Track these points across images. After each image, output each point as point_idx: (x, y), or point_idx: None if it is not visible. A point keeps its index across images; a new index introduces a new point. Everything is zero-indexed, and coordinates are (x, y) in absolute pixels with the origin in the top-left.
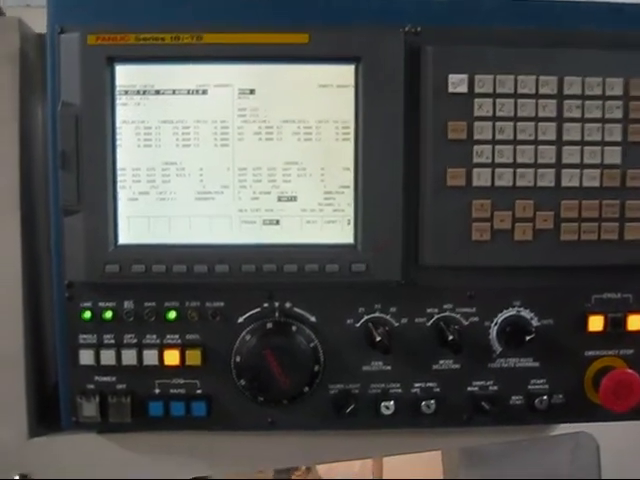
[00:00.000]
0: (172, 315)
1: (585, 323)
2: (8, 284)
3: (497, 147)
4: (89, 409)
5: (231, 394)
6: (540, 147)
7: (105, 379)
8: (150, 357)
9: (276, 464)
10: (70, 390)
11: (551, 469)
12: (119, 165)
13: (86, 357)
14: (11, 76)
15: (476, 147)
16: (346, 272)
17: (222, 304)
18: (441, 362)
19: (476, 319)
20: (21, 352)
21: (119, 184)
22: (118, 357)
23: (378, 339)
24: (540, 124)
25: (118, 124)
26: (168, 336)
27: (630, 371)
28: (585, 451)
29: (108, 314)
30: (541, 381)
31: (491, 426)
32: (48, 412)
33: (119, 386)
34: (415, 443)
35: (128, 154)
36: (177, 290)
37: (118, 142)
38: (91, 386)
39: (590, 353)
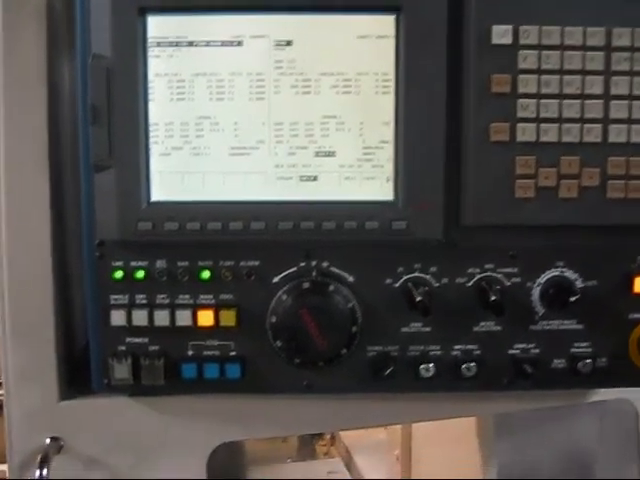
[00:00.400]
0: (206, 274)
1: (631, 284)
2: (37, 245)
3: (542, 101)
4: (121, 371)
5: (266, 356)
6: (587, 101)
7: (137, 340)
8: (183, 318)
9: (311, 429)
10: (101, 352)
11: (577, 438)
12: (151, 119)
13: (117, 318)
14: (38, 31)
15: (520, 101)
16: (386, 230)
17: (257, 263)
18: (482, 324)
19: (518, 280)
20: (50, 313)
21: (151, 139)
22: (150, 318)
23: (418, 299)
24: (587, 77)
25: (150, 77)
26: (202, 296)
27: None
28: (620, 419)
29: (140, 273)
30: (584, 344)
31: (532, 390)
32: (78, 375)
33: (151, 347)
34: (453, 408)
35: (160, 108)
36: (211, 249)
37: (150, 96)
38: (123, 348)
39: (635, 316)
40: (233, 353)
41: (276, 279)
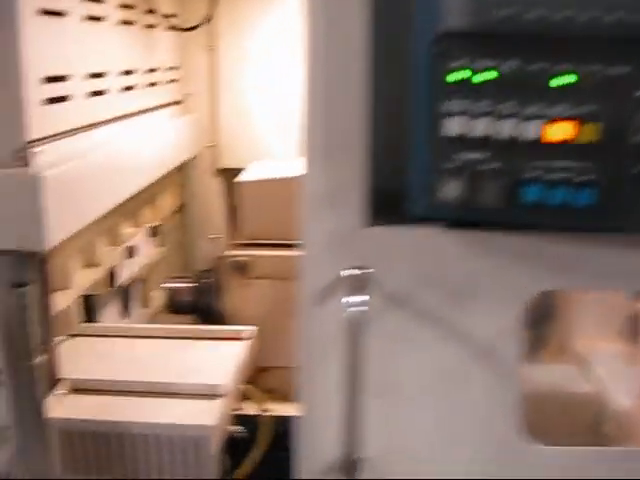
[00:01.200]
0: (563, 80)
1: None
2: (351, 42)
3: None
4: (452, 189)
5: (626, 182)
6: None
7: (473, 155)
8: (532, 131)
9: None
10: (429, 166)
11: None
12: None
13: (452, 127)
14: None
15: None
16: None
17: (628, 70)
18: None
19: None
20: (359, 126)
21: None
22: (492, 129)
23: None
24: None
25: None
26: (556, 106)
27: None
28: None
29: (485, 75)
30: None
31: None
32: (387, 199)
33: (490, 165)
34: None
35: None
36: (574, 49)
37: None
38: (455, 162)
39: None
40: (586, 177)
41: None
